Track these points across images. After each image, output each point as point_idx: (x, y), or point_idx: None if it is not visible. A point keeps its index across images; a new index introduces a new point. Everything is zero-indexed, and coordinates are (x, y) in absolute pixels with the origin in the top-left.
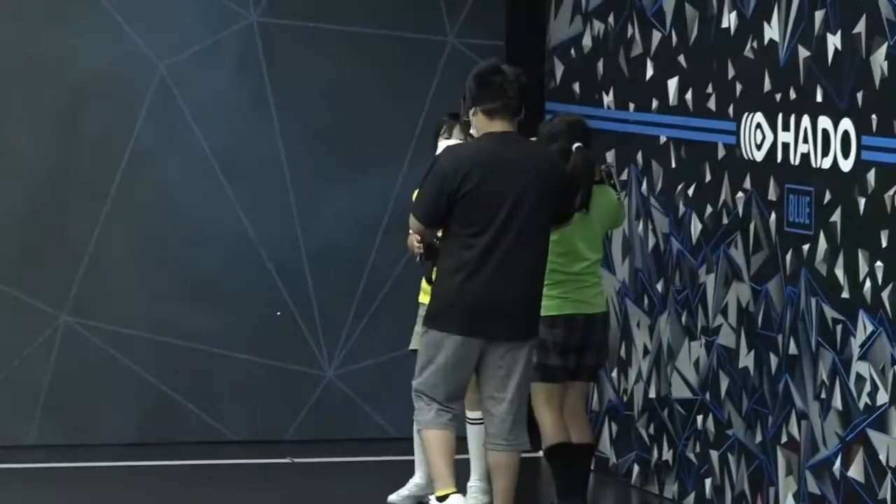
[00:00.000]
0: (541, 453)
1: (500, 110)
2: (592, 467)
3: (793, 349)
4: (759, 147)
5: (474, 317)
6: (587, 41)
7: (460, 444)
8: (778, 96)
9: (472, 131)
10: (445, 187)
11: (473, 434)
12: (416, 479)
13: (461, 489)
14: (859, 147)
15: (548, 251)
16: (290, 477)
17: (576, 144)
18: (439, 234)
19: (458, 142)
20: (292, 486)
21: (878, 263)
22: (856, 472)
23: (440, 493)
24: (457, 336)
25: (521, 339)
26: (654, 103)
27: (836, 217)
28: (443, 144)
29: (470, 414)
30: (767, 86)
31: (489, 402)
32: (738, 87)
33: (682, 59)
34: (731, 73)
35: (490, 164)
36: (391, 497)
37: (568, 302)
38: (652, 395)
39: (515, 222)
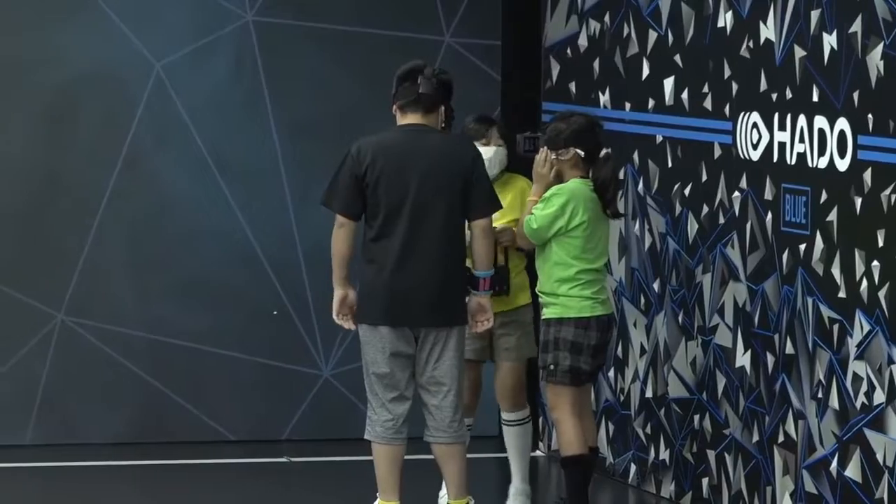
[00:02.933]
0: (539, 452)
1: (411, 105)
2: None
3: (789, 349)
4: (755, 147)
5: (393, 306)
6: (583, 41)
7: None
8: (774, 96)
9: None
10: (354, 173)
11: (511, 436)
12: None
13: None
14: (855, 147)
15: (462, 241)
16: (287, 476)
17: (604, 151)
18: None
19: (495, 148)
20: (288, 486)
21: (875, 263)
22: (853, 471)
23: (382, 503)
24: (381, 327)
25: (446, 325)
26: (651, 103)
27: (832, 217)
28: (482, 151)
29: (506, 415)
30: (763, 85)
31: (423, 393)
32: (735, 86)
33: (678, 58)
34: (727, 72)
35: (394, 154)
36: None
37: (598, 303)
38: (649, 394)
39: (420, 211)
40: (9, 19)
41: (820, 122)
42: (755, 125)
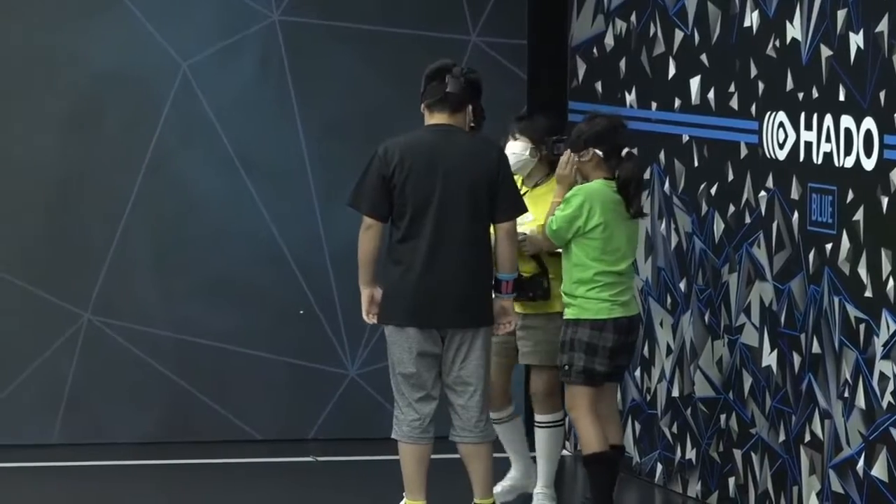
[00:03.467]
0: (565, 451)
1: (438, 104)
2: None
3: (816, 348)
4: (781, 146)
5: (419, 308)
6: (609, 40)
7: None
8: (800, 95)
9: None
10: (381, 173)
11: (542, 438)
12: (512, 472)
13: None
14: (882, 146)
15: (489, 242)
16: (313, 475)
17: (626, 150)
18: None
19: (520, 148)
20: (315, 485)
21: None
22: (879, 470)
23: (409, 502)
24: (408, 328)
25: (473, 326)
26: (677, 102)
27: (858, 216)
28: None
29: (539, 417)
30: (790, 85)
31: (450, 393)
32: (761, 86)
33: (704, 58)
34: (753, 72)
35: (421, 154)
36: (496, 488)
37: (617, 305)
38: (675, 394)
39: (445, 212)
40: (36, 19)
41: (846, 121)
42: (781, 125)
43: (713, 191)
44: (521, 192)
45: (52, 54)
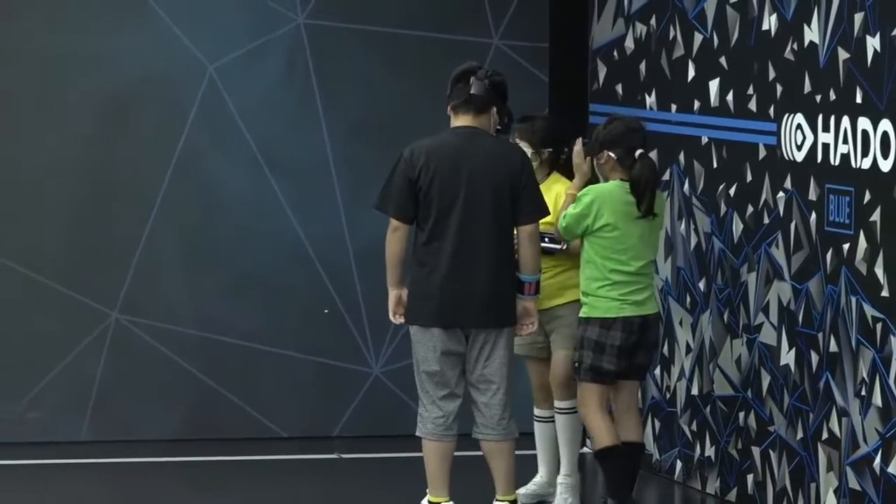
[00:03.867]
0: (587, 448)
1: (463, 106)
2: None
3: (833, 347)
4: (799, 148)
5: (445, 308)
6: (629, 43)
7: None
8: (818, 97)
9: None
10: (407, 176)
11: (561, 424)
12: (537, 478)
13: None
14: None
15: (513, 243)
16: (338, 473)
17: (638, 151)
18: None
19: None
20: (340, 482)
21: None
22: (895, 467)
23: (432, 498)
24: (433, 328)
25: (498, 326)
26: (696, 104)
27: (875, 216)
28: None
29: (559, 404)
30: (807, 87)
31: (473, 390)
32: (779, 88)
33: (723, 60)
34: (771, 74)
35: (446, 156)
36: (520, 490)
37: (626, 304)
38: (694, 392)
39: (470, 214)
40: (64, 23)
41: (863, 123)
42: (799, 126)
43: (732, 191)
44: None
45: (81, 58)
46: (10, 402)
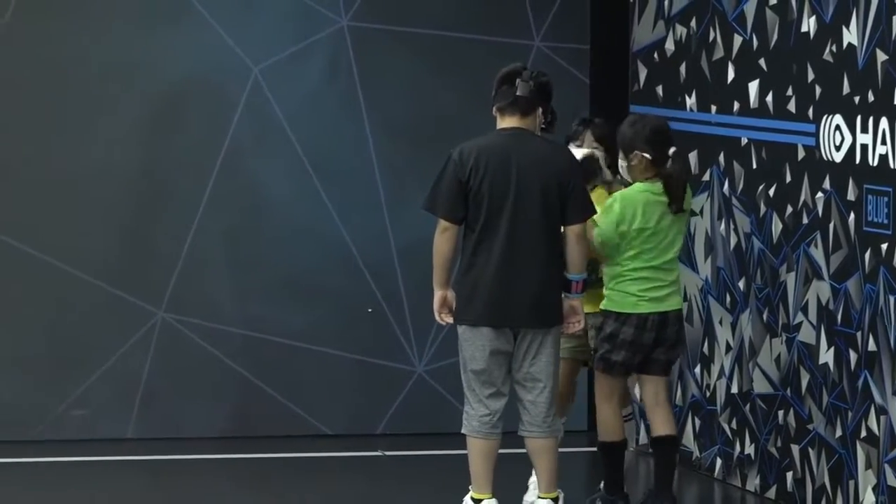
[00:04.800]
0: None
1: (509, 107)
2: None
3: (872, 346)
4: (837, 148)
5: (494, 308)
6: (670, 45)
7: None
8: (856, 99)
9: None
10: (457, 177)
11: None
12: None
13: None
14: None
15: (560, 243)
16: (381, 469)
17: (672, 149)
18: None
19: (589, 150)
20: (383, 479)
21: None
22: None
23: (475, 495)
24: (483, 327)
25: (546, 326)
26: (736, 105)
27: None
28: (574, 152)
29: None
30: (846, 88)
31: (519, 389)
32: (818, 89)
33: (762, 62)
34: (810, 76)
35: (495, 157)
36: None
37: (643, 301)
38: (734, 390)
39: (519, 214)
40: (111, 27)
41: None
42: (838, 127)
43: (771, 192)
44: None
45: (128, 61)
46: (59, 399)
